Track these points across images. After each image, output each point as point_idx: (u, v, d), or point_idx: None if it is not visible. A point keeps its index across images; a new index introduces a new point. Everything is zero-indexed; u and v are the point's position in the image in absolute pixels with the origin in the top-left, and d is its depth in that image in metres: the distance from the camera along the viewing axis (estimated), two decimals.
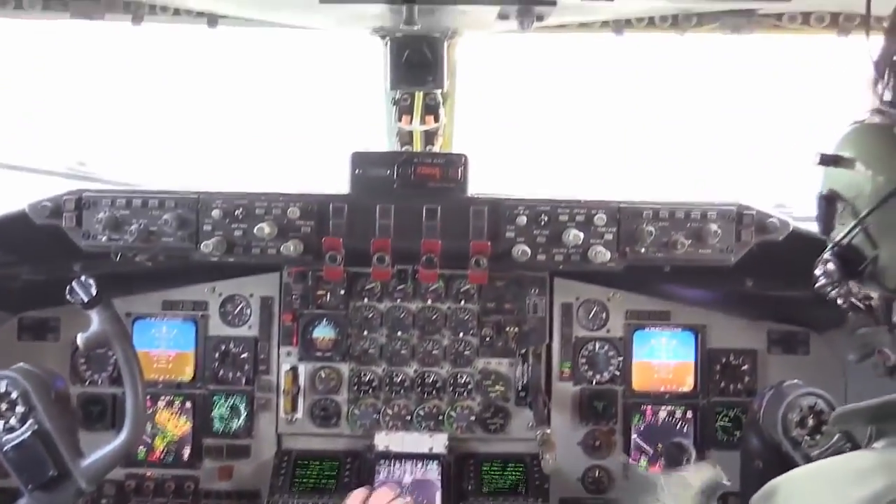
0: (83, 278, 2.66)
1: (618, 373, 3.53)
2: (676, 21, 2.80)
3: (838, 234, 1.68)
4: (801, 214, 3.38)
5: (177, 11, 2.88)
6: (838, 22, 2.68)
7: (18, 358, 2.79)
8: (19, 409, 2.61)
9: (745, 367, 3.53)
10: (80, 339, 2.73)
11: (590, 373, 3.53)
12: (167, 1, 2.75)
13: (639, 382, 3.54)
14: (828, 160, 1.67)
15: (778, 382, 3.02)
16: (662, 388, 3.54)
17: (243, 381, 3.52)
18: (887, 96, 1.56)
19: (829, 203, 1.69)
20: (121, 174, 3.84)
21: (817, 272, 1.76)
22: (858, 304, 1.70)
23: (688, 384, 3.54)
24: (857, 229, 1.60)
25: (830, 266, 1.70)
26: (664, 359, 3.56)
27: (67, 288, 2.65)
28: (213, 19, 2.94)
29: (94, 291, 2.64)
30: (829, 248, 1.72)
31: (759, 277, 3.30)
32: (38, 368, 2.73)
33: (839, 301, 1.73)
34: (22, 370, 2.68)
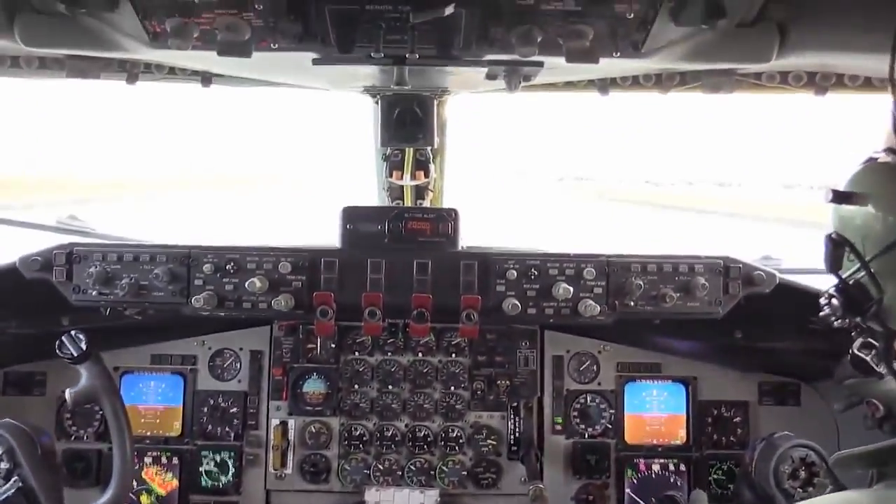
0: (73, 333, 2.65)
1: (610, 426, 3.50)
2: (660, 80, 2.88)
3: (845, 271, 1.70)
4: (788, 266, 3.44)
5: (171, 71, 2.94)
6: (815, 81, 2.76)
7: (3, 413, 2.75)
8: (4, 465, 2.56)
9: (736, 419, 3.51)
10: (68, 394, 2.70)
11: (582, 426, 3.50)
12: (162, 60, 2.78)
13: (631, 435, 3.52)
14: (839, 198, 1.69)
15: (769, 434, 3.03)
16: (655, 441, 3.52)
17: (232, 436, 3.48)
18: None
19: (836, 245, 1.71)
20: (112, 228, 3.86)
21: (822, 301, 1.77)
22: (862, 338, 1.72)
23: (680, 437, 3.52)
24: (862, 271, 1.62)
25: (835, 302, 1.72)
26: (656, 411, 3.54)
27: (57, 342, 2.63)
28: (206, 78, 3.00)
29: (84, 346, 2.63)
30: (835, 284, 1.74)
31: (748, 329, 3.33)
32: (24, 424, 2.69)
33: (845, 326, 1.74)
34: (7, 425, 2.64)
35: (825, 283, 2.27)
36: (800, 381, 3.54)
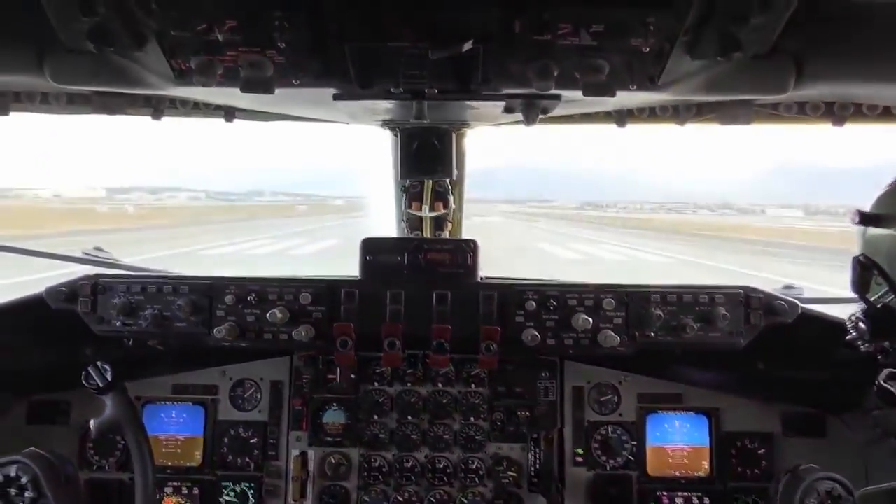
0: (99, 364, 2.68)
1: (632, 457, 3.46)
2: (677, 111, 2.89)
3: (872, 294, 1.67)
4: (810, 296, 3.40)
5: (195, 106, 3.00)
6: (833, 111, 2.76)
7: (27, 442, 2.77)
8: (28, 494, 2.58)
9: (761, 451, 3.45)
10: (93, 424, 2.73)
11: (603, 458, 3.46)
12: (186, 96, 2.84)
13: (653, 467, 3.47)
14: (866, 220, 1.67)
15: (794, 467, 2.97)
16: (678, 474, 3.46)
17: (252, 466, 3.48)
18: None
19: (864, 267, 1.68)
20: (136, 259, 3.91)
21: (848, 325, 1.74)
22: (890, 368, 1.69)
23: (703, 469, 3.47)
24: (891, 295, 1.60)
25: (862, 325, 1.69)
26: (678, 443, 3.49)
27: (83, 373, 2.66)
28: (230, 113, 3.07)
29: (109, 377, 2.66)
30: (862, 307, 1.71)
31: (770, 359, 3.29)
32: (48, 453, 2.72)
33: (871, 351, 1.71)
34: (32, 454, 2.66)
35: (848, 312, 2.25)
36: (825, 412, 3.48)
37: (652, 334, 3.07)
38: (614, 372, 3.52)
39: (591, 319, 3.01)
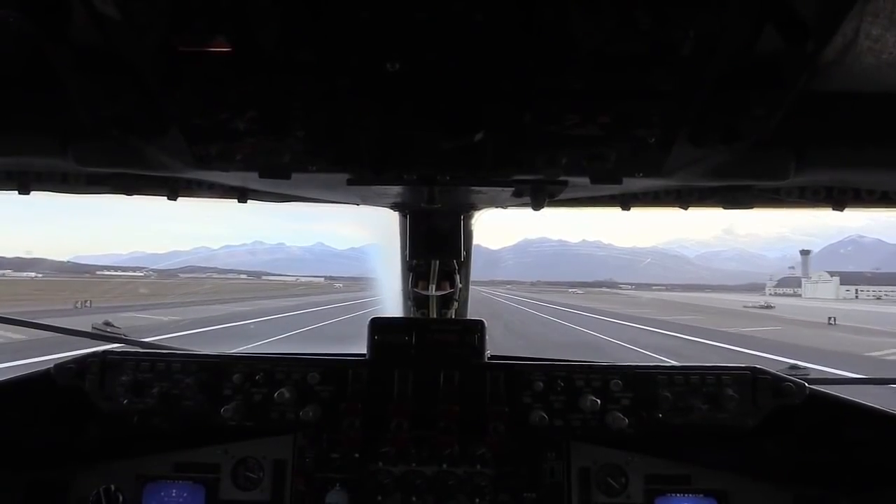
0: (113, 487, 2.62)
1: None
2: (680, 195, 2.96)
3: None
4: (817, 377, 3.40)
5: (211, 186, 3.07)
6: (833, 195, 2.82)
7: None
8: None
9: None
10: None
11: None
12: (202, 176, 2.88)
13: None
14: None
15: None
16: None
17: None
18: None
19: None
20: (144, 334, 3.93)
21: None
22: None
23: None
24: None
25: None
26: None
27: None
28: (243, 194, 3.13)
29: None
30: None
31: (780, 440, 3.26)
32: None
33: None
34: None
35: (854, 393, 2.23)
36: (839, 494, 3.41)
37: (660, 415, 3.05)
38: (621, 453, 3.47)
39: (598, 401, 3.00)
